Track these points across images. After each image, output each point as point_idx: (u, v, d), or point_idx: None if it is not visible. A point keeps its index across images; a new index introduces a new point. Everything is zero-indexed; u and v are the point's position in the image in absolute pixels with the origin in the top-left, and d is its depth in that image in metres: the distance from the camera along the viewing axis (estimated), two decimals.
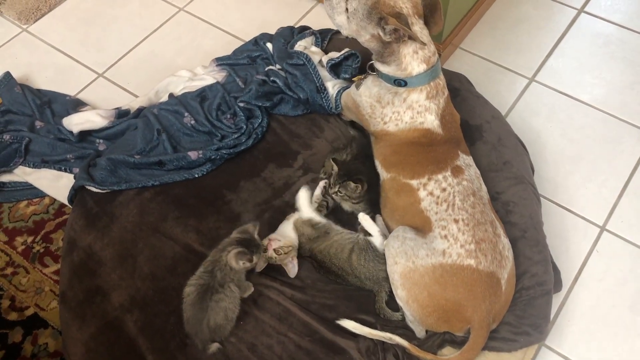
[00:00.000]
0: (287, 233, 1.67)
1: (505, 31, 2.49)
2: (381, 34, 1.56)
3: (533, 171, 1.92)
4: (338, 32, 2.19)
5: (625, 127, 2.19)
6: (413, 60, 1.59)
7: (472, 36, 2.48)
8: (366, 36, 1.61)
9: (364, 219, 1.65)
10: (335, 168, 1.70)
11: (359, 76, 1.82)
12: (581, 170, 2.08)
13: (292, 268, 1.62)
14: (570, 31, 2.48)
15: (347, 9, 1.63)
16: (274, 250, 1.58)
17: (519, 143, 1.94)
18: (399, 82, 1.64)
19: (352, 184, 1.66)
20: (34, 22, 2.59)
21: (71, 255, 1.70)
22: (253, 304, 1.59)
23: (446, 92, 1.68)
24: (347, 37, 1.72)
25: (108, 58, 2.46)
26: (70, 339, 1.58)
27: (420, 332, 1.59)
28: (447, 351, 1.56)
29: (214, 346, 1.51)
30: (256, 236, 1.56)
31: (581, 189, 2.04)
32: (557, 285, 1.77)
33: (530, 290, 1.64)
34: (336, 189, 1.69)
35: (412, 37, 1.54)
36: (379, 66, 1.67)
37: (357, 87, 1.77)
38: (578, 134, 2.18)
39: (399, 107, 1.65)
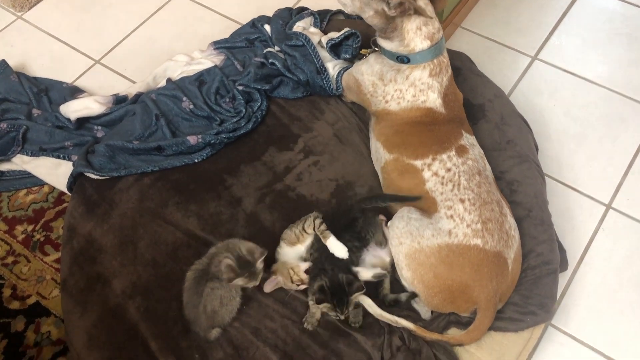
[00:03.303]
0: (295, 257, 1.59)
1: (507, 9, 2.45)
2: (385, 8, 1.52)
3: (537, 150, 1.90)
4: (337, 12, 2.19)
5: (630, 104, 2.16)
6: (416, 36, 1.56)
7: (473, 15, 2.44)
8: (370, 12, 1.58)
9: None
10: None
11: (365, 50, 1.79)
12: (586, 149, 2.06)
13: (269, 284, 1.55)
14: (572, 8, 2.44)
15: None
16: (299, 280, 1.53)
17: (523, 121, 1.91)
18: (402, 59, 1.61)
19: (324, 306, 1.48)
20: (29, 9, 2.55)
21: (71, 242, 1.68)
22: (257, 289, 1.57)
23: (450, 71, 1.65)
24: (350, 17, 1.68)
25: (104, 44, 2.42)
26: (72, 327, 1.56)
27: (425, 314, 1.58)
28: (453, 332, 1.55)
29: (215, 331, 1.49)
30: (258, 264, 1.48)
31: (586, 167, 2.01)
32: (563, 264, 1.75)
33: (536, 269, 1.62)
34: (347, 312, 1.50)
35: (417, 10, 1.51)
36: (382, 42, 1.64)
37: (362, 60, 1.73)
38: (582, 112, 2.15)
39: (401, 84, 1.62)
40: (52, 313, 1.74)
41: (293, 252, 1.56)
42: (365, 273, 1.52)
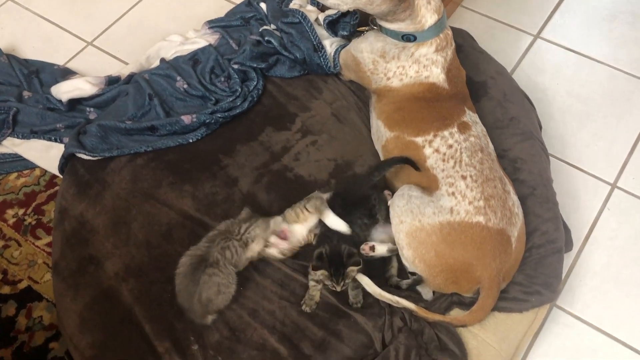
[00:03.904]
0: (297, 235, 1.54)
1: None
2: None
3: (540, 128, 1.85)
4: None
5: (634, 82, 2.11)
6: (427, 12, 1.53)
7: None
8: (378, 1, 1.51)
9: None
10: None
11: (363, 27, 1.74)
12: (590, 128, 2.01)
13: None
14: None
15: None
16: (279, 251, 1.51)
17: (526, 98, 1.86)
18: (408, 38, 1.56)
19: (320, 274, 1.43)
20: None
21: (63, 224, 1.64)
22: (254, 269, 1.53)
23: (453, 44, 1.61)
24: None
25: (97, 26, 2.37)
26: (64, 310, 1.52)
27: (427, 294, 1.54)
28: (455, 313, 1.51)
29: (211, 317, 1.45)
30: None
31: (590, 146, 1.97)
32: (568, 244, 1.70)
33: (541, 248, 1.58)
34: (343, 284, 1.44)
35: None
36: (384, 24, 1.59)
37: (360, 38, 1.69)
38: (586, 90, 2.10)
39: (405, 61, 1.58)
40: (44, 297, 1.70)
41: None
42: (381, 247, 1.48)
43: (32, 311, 1.68)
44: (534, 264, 1.56)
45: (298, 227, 1.51)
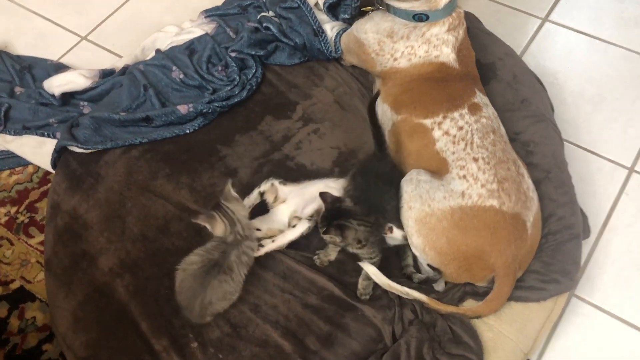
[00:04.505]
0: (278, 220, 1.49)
1: None
2: None
3: (553, 110, 1.77)
4: None
5: None
6: None
7: None
8: None
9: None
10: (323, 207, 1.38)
11: (368, 7, 1.66)
12: (604, 111, 1.93)
13: None
14: None
15: None
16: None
17: (536, 80, 1.79)
18: (420, 17, 1.49)
19: (328, 236, 1.35)
20: None
21: (55, 220, 1.57)
22: (255, 262, 1.44)
23: (465, 23, 1.54)
24: None
25: (91, 20, 2.30)
26: (56, 309, 1.45)
27: (438, 285, 1.46)
28: (469, 304, 1.42)
29: (208, 318, 1.37)
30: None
31: (605, 129, 1.89)
32: (585, 231, 1.62)
33: (558, 234, 1.49)
34: (322, 232, 1.37)
35: None
36: (395, 3, 1.52)
37: (364, 18, 1.62)
38: (598, 73, 2.02)
39: (414, 41, 1.51)
40: (37, 298, 1.62)
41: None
42: (397, 232, 1.41)
43: (24, 312, 1.60)
44: (551, 251, 1.48)
45: (280, 209, 1.46)
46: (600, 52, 2.07)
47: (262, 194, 1.50)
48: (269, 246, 1.42)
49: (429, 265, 1.43)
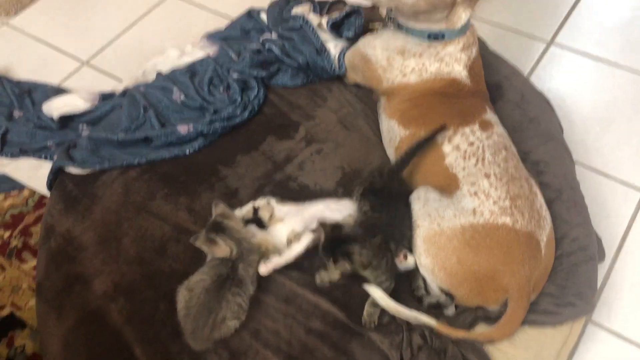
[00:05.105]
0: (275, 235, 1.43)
1: None
2: None
3: (562, 130, 1.73)
4: (337, 1, 2.05)
5: None
6: (463, 11, 1.45)
7: (481, 4, 2.29)
8: (422, 5, 1.42)
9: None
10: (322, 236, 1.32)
11: (375, 23, 1.64)
12: (614, 132, 1.89)
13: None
14: None
15: None
16: None
17: (544, 99, 1.75)
18: (436, 36, 1.46)
19: (339, 265, 1.29)
20: (15, 15, 2.43)
21: (48, 242, 1.51)
22: (257, 286, 1.38)
23: (477, 42, 1.52)
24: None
25: (93, 46, 2.29)
26: (46, 334, 1.37)
27: (449, 309, 1.38)
28: (481, 329, 1.35)
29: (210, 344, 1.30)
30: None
31: (615, 151, 1.84)
32: (600, 254, 1.55)
33: (572, 256, 1.43)
34: (330, 264, 1.31)
35: None
36: (411, 24, 1.49)
37: (372, 35, 1.60)
38: (606, 95, 1.99)
39: (427, 59, 1.48)
40: (27, 325, 1.55)
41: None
42: (411, 259, 1.34)
43: (14, 340, 1.53)
44: (566, 273, 1.41)
45: (277, 228, 1.41)
46: (608, 74, 2.05)
47: (256, 210, 1.45)
48: (276, 261, 1.35)
49: (441, 290, 1.36)
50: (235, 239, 1.31)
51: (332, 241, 1.30)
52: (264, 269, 1.32)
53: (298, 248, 1.35)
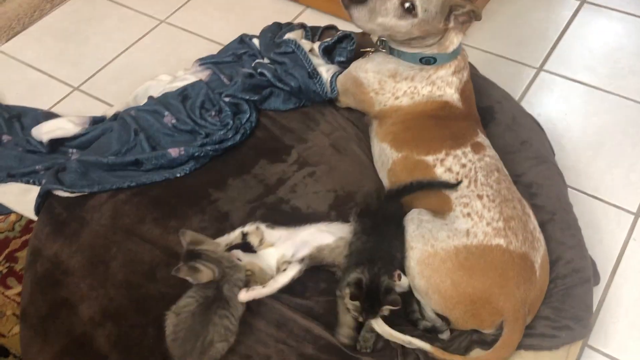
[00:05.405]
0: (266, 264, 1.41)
1: (505, 24, 2.35)
2: (448, 22, 1.40)
3: (553, 154, 1.73)
4: (329, 27, 2.07)
5: None
6: (455, 35, 1.46)
7: (471, 30, 2.33)
8: (416, 32, 1.42)
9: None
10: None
11: (367, 49, 1.64)
12: (604, 156, 1.90)
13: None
14: (575, 21, 2.34)
15: (413, 14, 1.38)
16: None
17: (535, 123, 1.75)
18: (428, 60, 1.47)
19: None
20: (7, 41, 2.43)
21: (34, 266, 1.47)
22: (247, 311, 1.35)
23: (469, 66, 1.54)
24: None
25: (84, 72, 2.29)
26: None
27: (443, 333, 1.35)
28: (477, 354, 1.33)
29: None
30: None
31: (607, 174, 1.85)
32: (595, 278, 1.54)
33: (567, 278, 1.42)
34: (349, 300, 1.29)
35: (477, 13, 1.40)
36: (402, 48, 1.50)
37: (364, 59, 1.61)
38: (596, 120, 2.00)
39: (419, 82, 1.49)
40: (10, 353, 1.51)
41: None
42: (405, 279, 1.33)
43: None
44: (561, 296, 1.39)
45: (267, 252, 1.39)
46: (597, 99, 2.07)
47: (244, 235, 1.43)
48: (259, 291, 1.32)
49: (436, 314, 1.34)
50: (213, 259, 1.29)
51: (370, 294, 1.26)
52: (244, 296, 1.29)
53: (283, 280, 1.32)
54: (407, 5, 1.35)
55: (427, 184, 1.41)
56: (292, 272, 1.35)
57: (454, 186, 1.37)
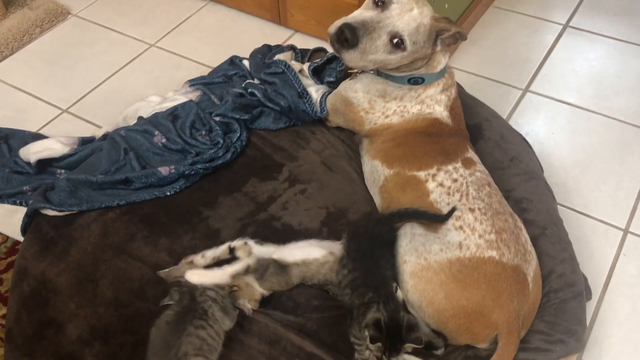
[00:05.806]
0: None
1: (491, 48, 2.40)
2: (435, 47, 1.43)
3: (542, 170, 1.75)
4: (318, 50, 2.09)
5: (630, 129, 2.06)
6: (442, 56, 1.48)
7: (458, 54, 2.38)
8: (405, 62, 1.44)
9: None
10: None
11: (356, 70, 1.66)
12: (592, 174, 1.92)
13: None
14: (558, 44, 2.39)
15: (402, 48, 1.39)
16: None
17: (523, 140, 1.77)
18: (416, 81, 1.49)
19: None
20: None
21: (21, 285, 1.44)
22: (238, 328, 1.33)
23: (456, 83, 1.55)
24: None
25: (73, 94, 2.29)
26: None
27: (437, 349, 1.34)
28: None
29: None
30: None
31: (595, 192, 1.86)
32: (587, 293, 1.54)
33: (560, 292, 1.42)
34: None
35: (462, 34, 1.42)
36: (391, 72, 1.52)
37: (353, 80, 1.62)
38: (583, 139, 2.03)
39: (408, 102, 1.50)
40: None
41: None
42: (400, 294, 1.32)
43: None
44: (554, 310, 1.39)
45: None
46: (583, 119, 2.10)
47: (232, 250, 1.41)
48: (203, 273, 1.32)
49: (432, 331, 1.32)
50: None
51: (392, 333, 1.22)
52: (192, 276, 1.30)
53: (229, 270, 1.33)
54: (395, 41, 1.37)
55: (420, 214, 1.38)
56: (239, 265, 1.35)
57: (444, 219, 1.34)
